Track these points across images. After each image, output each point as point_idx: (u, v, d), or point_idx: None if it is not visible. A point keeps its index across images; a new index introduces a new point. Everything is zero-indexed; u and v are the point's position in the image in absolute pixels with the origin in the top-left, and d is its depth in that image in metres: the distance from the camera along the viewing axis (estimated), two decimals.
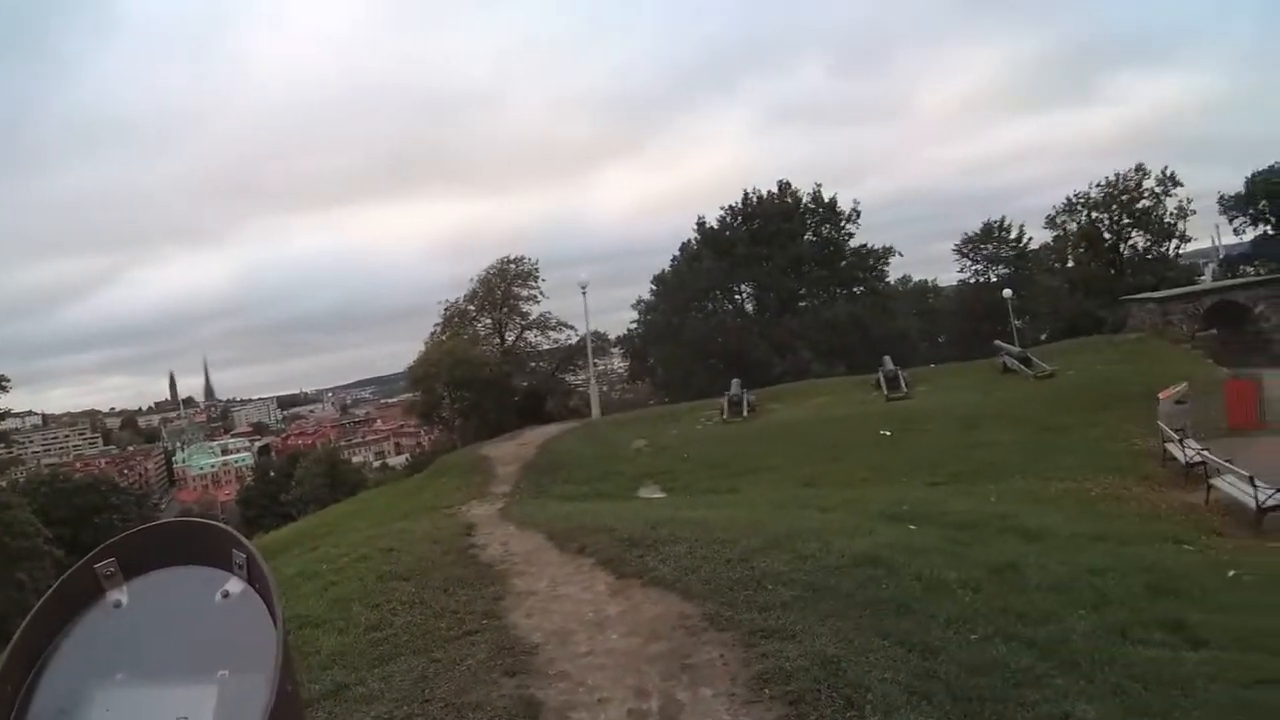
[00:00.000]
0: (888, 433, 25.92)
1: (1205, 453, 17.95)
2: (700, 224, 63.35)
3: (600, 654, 7.52)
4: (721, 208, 63.59)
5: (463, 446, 40.84)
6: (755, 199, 62.38)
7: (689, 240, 63.65)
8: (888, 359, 38.16)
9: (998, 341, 40.52)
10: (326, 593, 10.47)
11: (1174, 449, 19.97)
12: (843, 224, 62.81)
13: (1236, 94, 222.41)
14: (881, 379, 35.34)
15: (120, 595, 2.13)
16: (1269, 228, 61.54)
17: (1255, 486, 15.15)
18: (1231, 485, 16.35)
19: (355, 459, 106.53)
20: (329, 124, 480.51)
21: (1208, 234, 61.59)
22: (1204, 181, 55.30)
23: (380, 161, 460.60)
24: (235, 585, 2.07)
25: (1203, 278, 50.70)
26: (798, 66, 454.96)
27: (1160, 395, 22.75)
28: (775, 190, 62.66)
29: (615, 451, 27.52)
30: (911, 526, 12.57)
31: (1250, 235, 63.12)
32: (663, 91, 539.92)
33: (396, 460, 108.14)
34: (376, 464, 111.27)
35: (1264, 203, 61.02)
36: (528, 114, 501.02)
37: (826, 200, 62.59)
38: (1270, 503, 14.99)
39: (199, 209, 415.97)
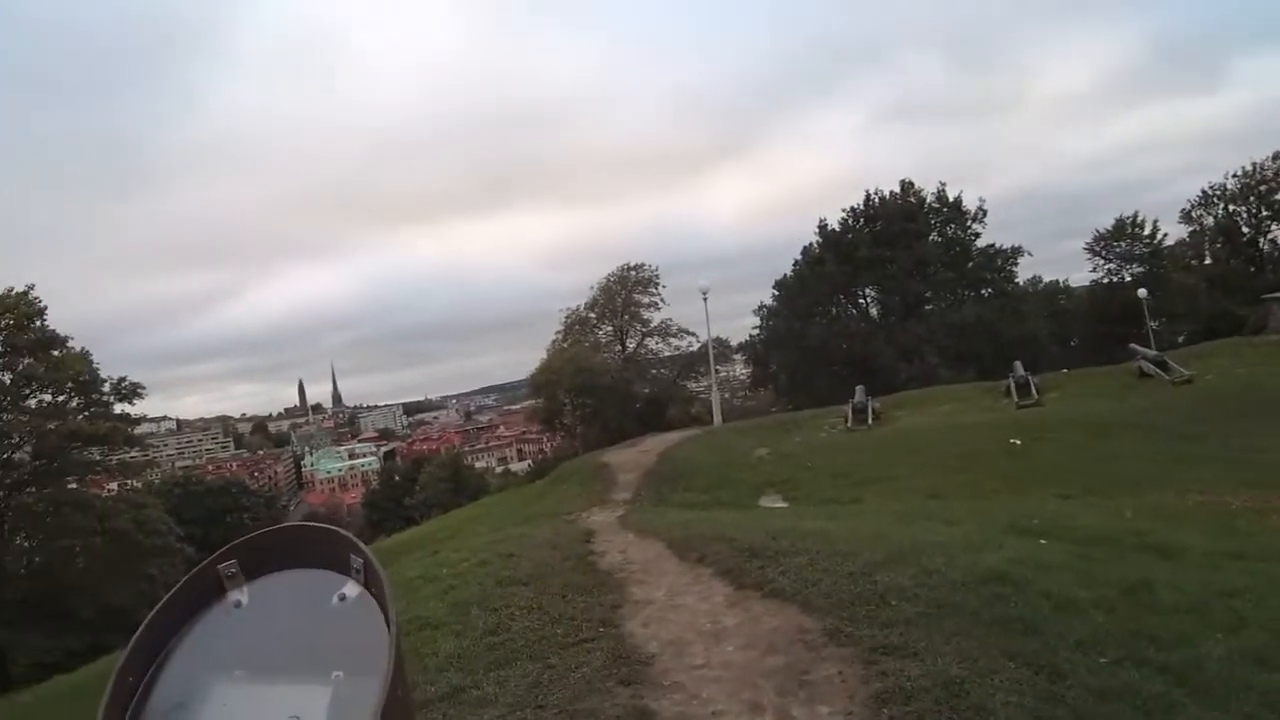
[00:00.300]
0: (1017, 442, 25.05)
1: None
2: (822, 226, 62.51)
3: (716, 666, 7.35)
4: (843, 209, 62.80)
5: (584, 453, 41.02)
6: (877, 199, 61.49)
7: (810, 243, 62.84)
8: (1018, 364, 37.06)
9: (1133, 345, 39.48)
10: (446, 596, 10.49)
11: None
12: (968, 223, 61.58)
13: None
14: (1011, 385, 34.43)
15: (241, 595, 2.18)
16: None
17: None
18: None
19: (478, 464, 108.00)
20: (442, 139, 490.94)
21: None
22: None
23: (489, 173, 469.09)
24: (352, 589, 2.09)
25: None
26: (909, 62, 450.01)
27: None
28: (898, 190, 61.85)
29: (736, 459, 27.07)
30: (1041, 541, 12.06)
31: None
32: (771, 93, 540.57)
33: (519, 466, 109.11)
34: (499, 469, 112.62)
35: None
36: (636, 121, 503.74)
37: (951, 199, 61.50)
38: None
39: (319, 224, 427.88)
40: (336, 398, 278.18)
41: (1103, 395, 31.88)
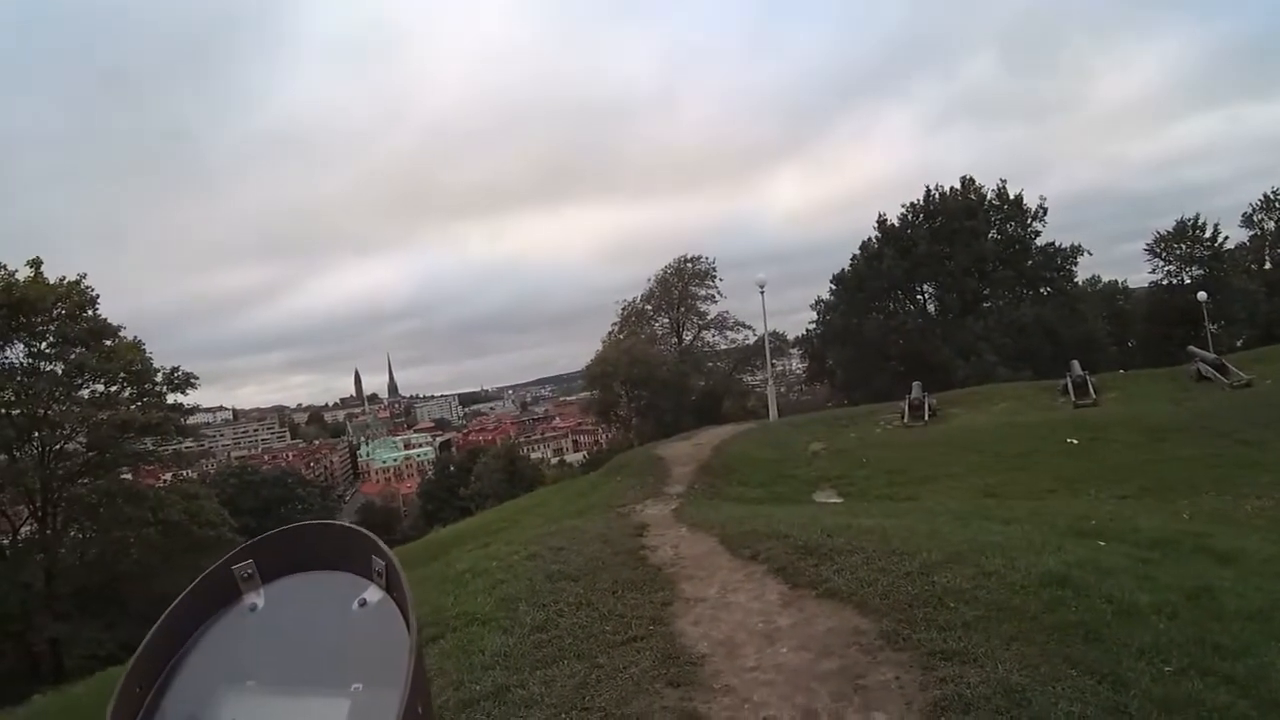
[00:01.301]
0: (1074, 441, 24.85)
1: None
2: (881, 221, 62.33)
3: (768, 669, 7.20)
4: (903, 205, 62.67)
5: (639, 445, 40.93)
6: (937, 195, 61.19)
7: (869, 239, 62.66)
8: (1075, 364, 36.75)
9: (1191, 347, 39.07)
10: (495, 591, 10.42)
11: None
12: (1028, 221, 61.15)
13: None
14: (1069, 384, 34.00)
15: (257, 598, 2.06)
16: None
17: None
18: None
19: (533, 455, 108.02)
20: (498, 134, 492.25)
21: None
22: None
23: (548, 168, 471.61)
24: (373, 594, 1.97)
25: None
26: (968, 63, 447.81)
27: None
28: (958, 186, 61.40)
29: (791, 454, 27.01)
30: (1100, 543, 11.86)
31: None
32: (831, 92, 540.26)
33: (574, 457, 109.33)
34: (554, 461, 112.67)
35: None
36: (696, 118, 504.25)
37: (1011, 197, 60.97)
38: None
39: (377, 217, 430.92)
40: (392, 388, 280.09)
41: (1160, 397, 31.48)
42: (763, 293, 40.27)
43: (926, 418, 32.03)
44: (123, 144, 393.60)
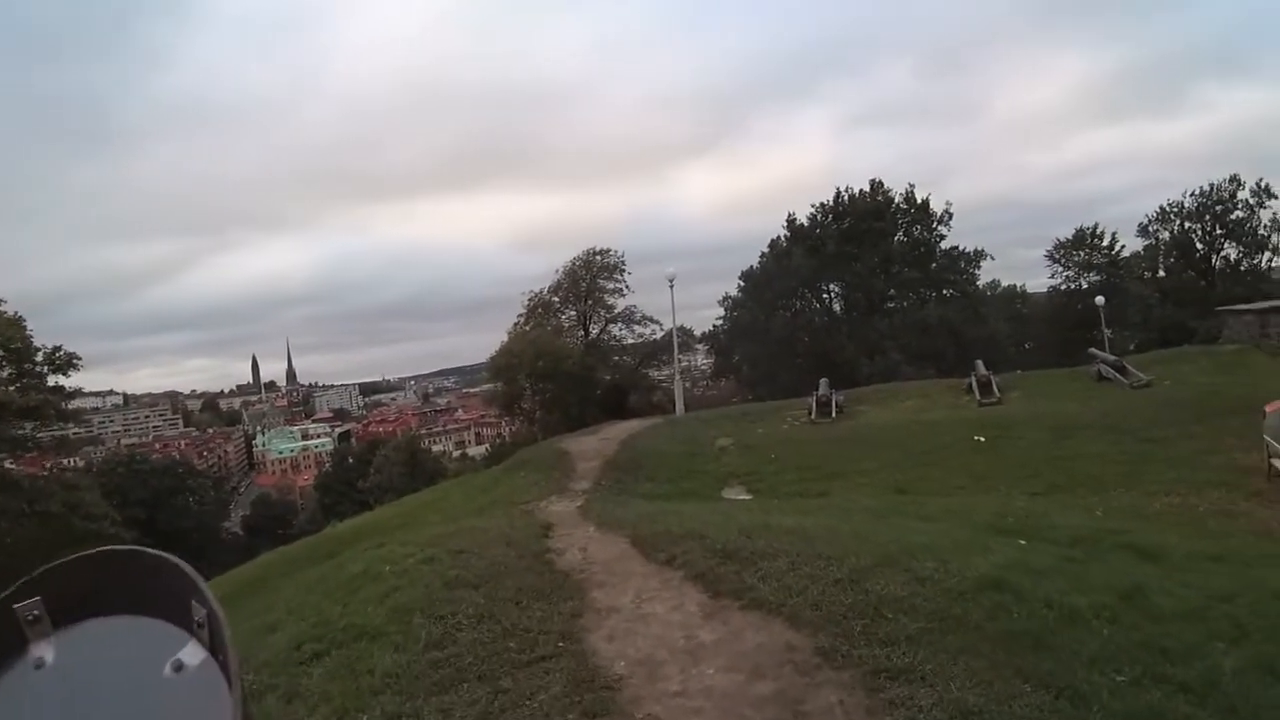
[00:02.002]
0: (982, 439, 24.94)
1: None
2: (790, 220, 62.53)
3: (695, 694, 6.69)
4: (812, 205, 62.91)
5: (543, 439, 40.24)
6: (847, 197, 61.54)
7: (778, 237, 63.05)
8: (980, 363, 36.95)
9: (1092, 349, 39.57)
10: (387, 599, 9.76)
11: None
12: (935, 225, 61.84)
13: None
14: (974, 383, 34.17)
15: (45, 651, 1.49)
16: None
17: None
18: None
19: (435, 448, 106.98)
20: (412, 116, 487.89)
21: None
22: None
23: (463, 153, 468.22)
24: (192, 654, 1.42)
25: None
26: (881, 68, 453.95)
27: (1267, 408, 21.25)
28: (867, 189, 61.86)
29: (699, 450, 26.70)
30: (1021, 541, 11.82)
31: None
32: (747, 91, 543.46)
33: (476, 450, 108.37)
34: (456, 454, 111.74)
35: None
36: (612, 110, 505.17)
37: (919, 201, 61.68)
38: None
39: (283, 196, 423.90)
40: (291, 375, 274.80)
41: (1063, 396, 31.76)
42: (672, 287, 39.74)
43: (834, 414, 31.91)
44: (12, 102, 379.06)
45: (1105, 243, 69.47)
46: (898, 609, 7.64)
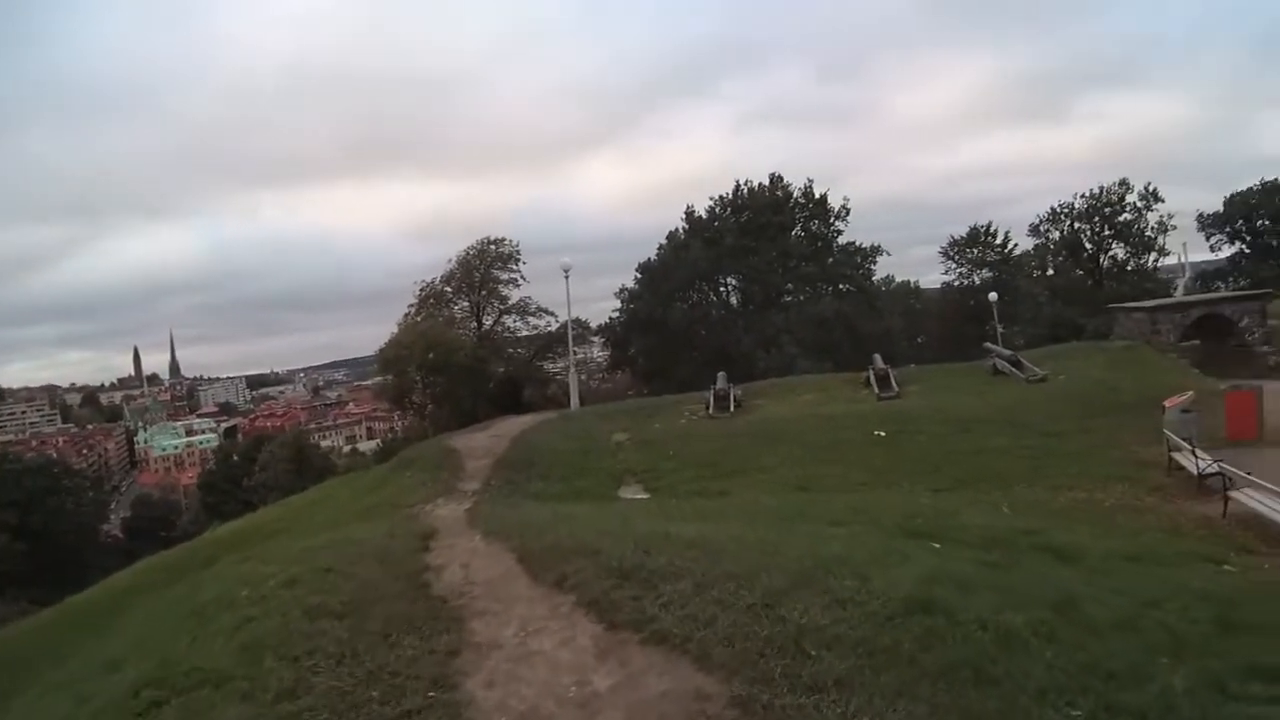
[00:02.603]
0: (882, 434, 24.84)
1: (1222, 464, 17.32)
2: (689, 213, 62.23)
3: None
4: (711, 197, 62.72)
5: (434, 434, 39.53)
6: (746, 190, 61.51)
7: (677, 229, 62.54)
8: (878, 357, 37.23)
9: (988, 344, 39.99)
10: (240, 632, 8.60)
11: (1183, 459, 19.49)
12: (832, 220, 62.14)
13: (1208, 122, 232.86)
14: (872, 377, 34.17)
15: None
16: (1244, 246, 69.57)
17: None
18: (1256, 500, 15.65)
19: (325, 443, 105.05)
20: (307, 100, 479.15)
21: (1176, 250, 61.94)
22: (1174, 201, 58.35)
23: (358, 140, 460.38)
24: None
25: (1176, 291, 52.32)
26: (780, 68, 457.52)
27: (1166, 404, 22.32)
28: (767, 183, 61.86)
29: (594, 446, 26.11)
30: (935, 545, 11.50)
31: (1226, 253, 71.46)
32: (647, 86, 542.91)
33: (368, 445, 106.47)
34: (346, 449, 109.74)
35: (1241, 222, 69.07)
36: (511, 100, 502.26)
37: (817, 196, 61.83)
38: None
39: (170, 181, 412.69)
40: (175, 368, 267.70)
41: (960, 390, 31.88)
42: (567, 277, 39.03)
43: (732, 409, 31.57)
44: None
45: (999, 241, 71.17)
46: (821, 642, 6.81)
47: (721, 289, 62.80)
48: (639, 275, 61.17)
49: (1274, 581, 12.01)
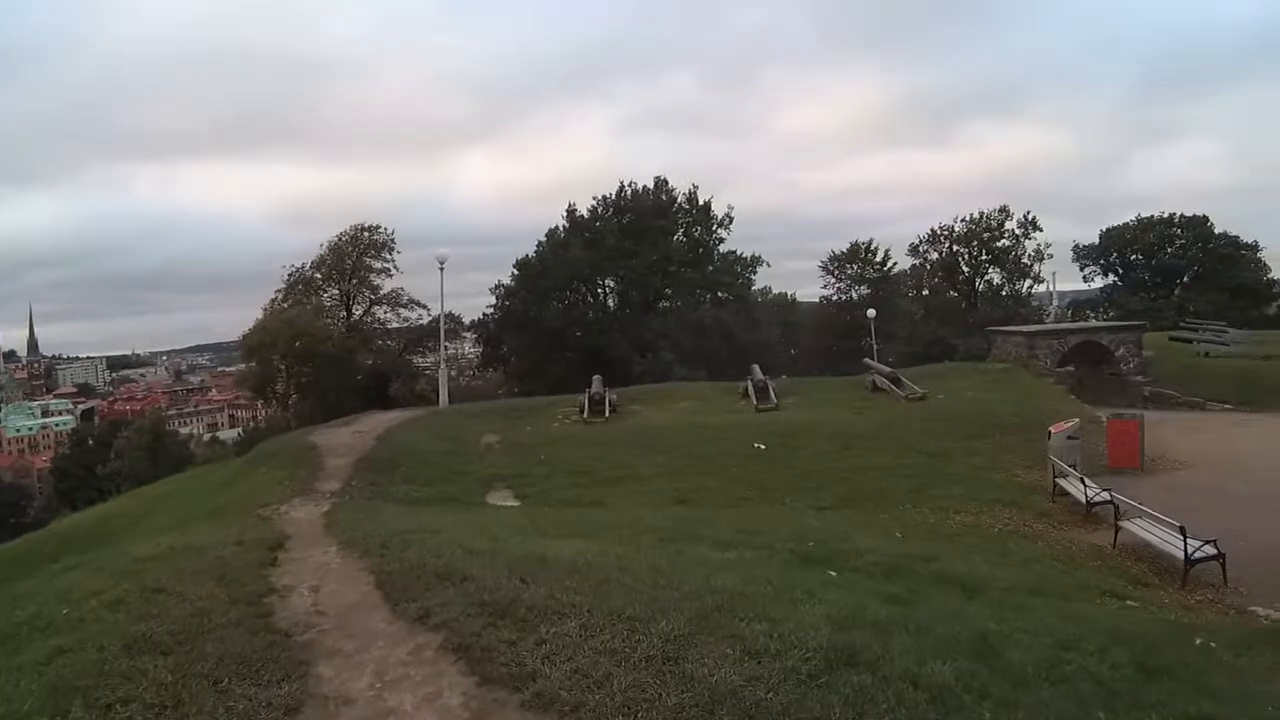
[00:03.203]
0: (762, 446, 24.29)
1: (1114, 494, 17.64)
2: (571, 211, 61.30)
3: None
4: (594, 197, 61.83)
5: (297, 426, 38.33)
6: (630, 192, 60.84)
7: (557, 227, 61.43)
8: (756, 368, 36.76)
9: (868, 360, 39.94)
10: (49, 668, 7.00)
11: (1069, 485, 19.78)
12: (715, 228, 61.92)
13: (1083, 157, 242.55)
14: (750, 388, 33.66)
15: None
16: (1117, 278, 74.60)
17: (1185, 538, 14.54)
18: (1148, 531, 15.97)
19: (185, 430, 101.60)
20: (185, 75, 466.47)
21: (1046, 278, 66.89)
22: (1045, 232, 61.59)
23: (234, 119, 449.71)
24: None
25: (1048, 318, 54.14)
26: (668, 76, 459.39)
27: (1052, 429, 22.06)
28: (651, 186, 61.26)
29: (463, 448, 25.02)
30: (832, 573, 10.89)
31: (1099, 283, 77.06)
32: (531, 83, 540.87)
33: (229, 434, 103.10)
34: (206, 438, 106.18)
35: (1115, 255, 73.75)
36: (393, 89, 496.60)
37: (701, 202, 61.54)
38: (1199, 555, 14.55)
39: (36, 148, 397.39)
40: (33, 346, 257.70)
41: (839, 405, 31.66)
42: (442, 269, 37.64)
43: (607, 414, 30.67)
44: None
45: (879, 258, 72.41)
46: (741, 711, 5.69)
47: (599, 290, 61.93)
48: (516, 272, 60.03)
49: (1179, 621, 11.86)
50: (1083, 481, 19.07)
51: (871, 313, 50.65)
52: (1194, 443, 25.56)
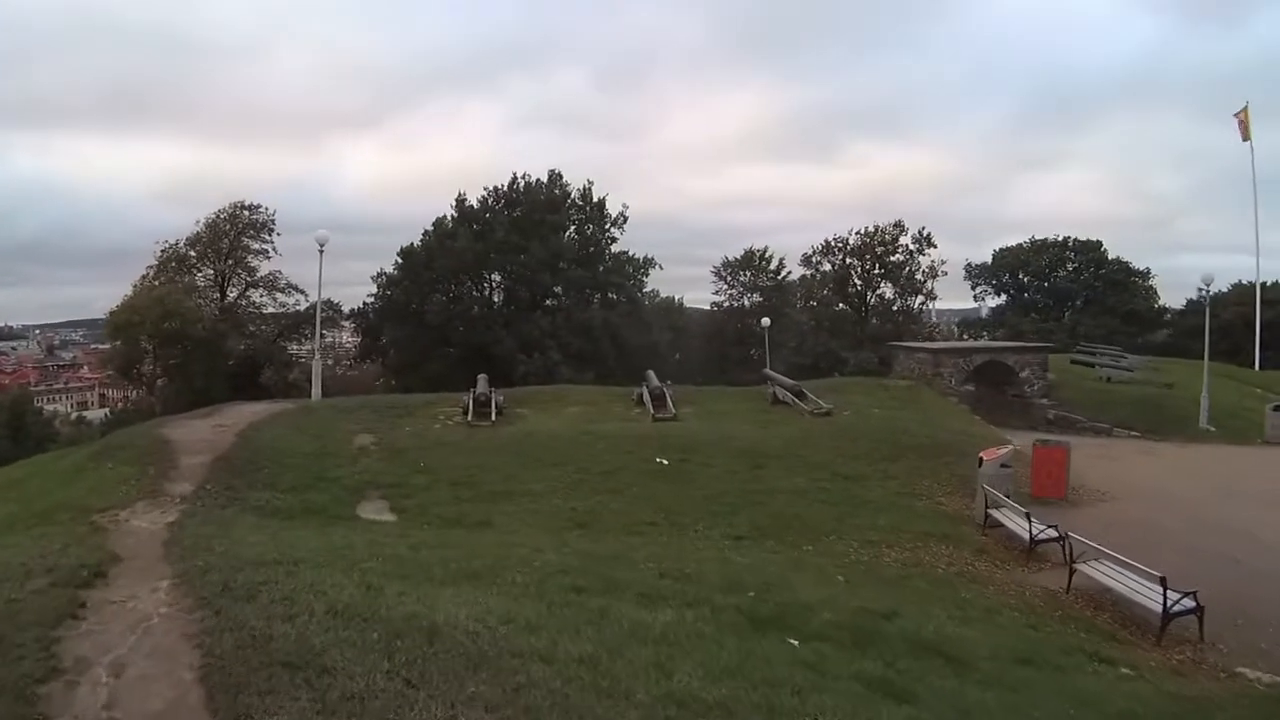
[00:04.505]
0: (664, 461, 22.63)
1: (1070, 534, 16.20)
2: (460, 201, 59.01)
3: None
4: (485, 188, 59.68)
5: (163, 412, 36.39)
6: (523, 184, 58.92)
7: (445, 216, 59.24)
8: (652, 374, 35.01)
9: (769, 371, 38.22)
10: None
11: (1005, 518, 18.77)
12: (608, 227, 60.51)
13: (964, 180, 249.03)
14: (646, 395, 31.71)
15: None
16: (1007, 298, 77.19)
17: (1165, 590, 13.36)
18: (1112, 578, 14.79)
19: (53, 407, 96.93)
20: (71, 39, 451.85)
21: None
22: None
23: (114, 91, 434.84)
24: None
25: (937, 334, 55.01)
26: (560, 73, 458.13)
27: (983, 455, 20.97)
28: (545, 180, 59.47)
29: (334, 448, 22.70)
30: (793, 641, 9.41)
31: (991, 303, 79.62)
32: (421, 74, 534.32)
33: (96, 414, 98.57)
34: (73, 416, 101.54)
35: (1007, 275, 76.17)
36: (278, 71, 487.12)
37: (596, 200, 60.15)
38: (1178, 608, 13.47)
39: None
40: None
41: (739, 417, 29.94)
42: (321, 250, 34.92)
43: (494, 417, 28.42)
44: None
45: (772, 266, 72.31)
46: None
47: (485, 285, 60.13)
48: (400, 261, 57.85)
49: (1183, 694, 10.90)
50: (1027, 518, 17.86)
51: (766, 322, 49.49)
52: (1109, 471, 24.89)
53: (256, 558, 10.35)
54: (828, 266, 67.50)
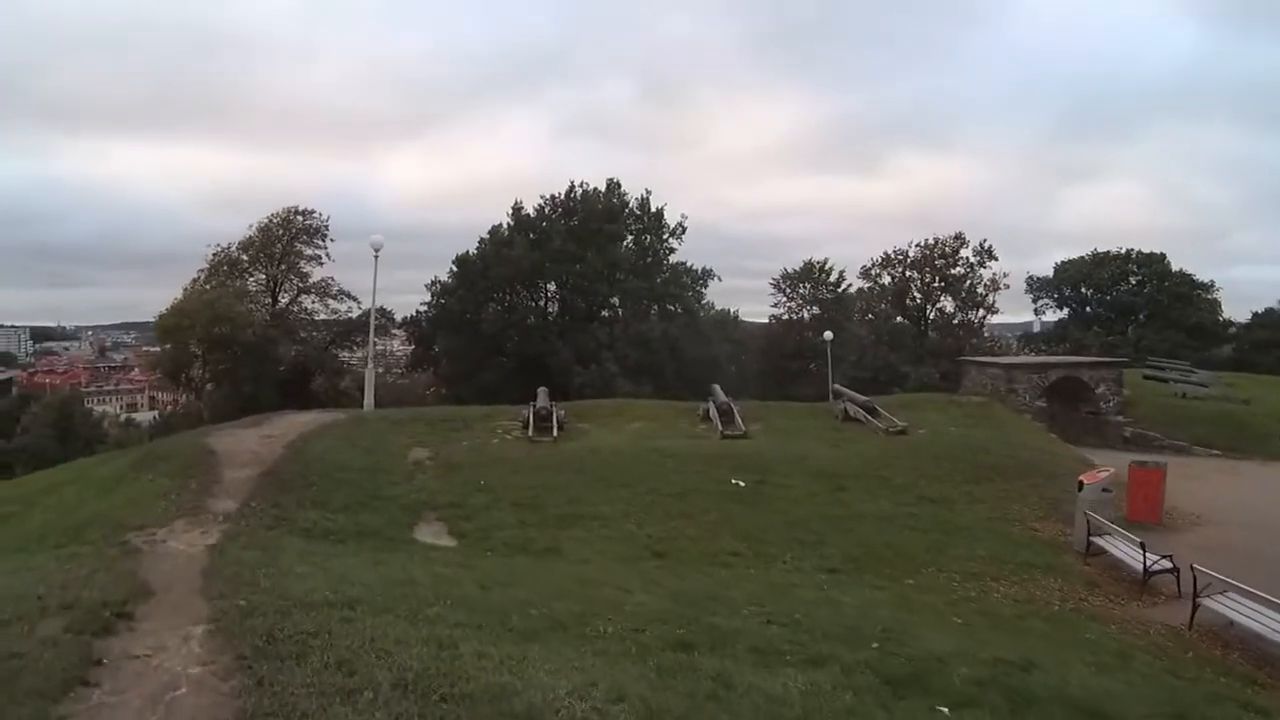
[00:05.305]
0: (740, 483, 21.28)
1: (1196, 566, 14.72)
2: (516, 209, 57.75)
3: None
4: (541, 196, 58.50)
5: (210, 418, 35.78)
6: (580, 193, 57.61)
7: (501, 224, 57.91)
8: (718, 388, 33.76)
9: (839, 386, 36.78)
10: None
11: (1112, 547, 17.76)
12: (666, 236, 59.07)
13: (1004, 191, 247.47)
14: (713, 410, 30.44)
15: None
16: (1069, 312, 76.64)
17: None
18: (1241, 613, 13.78)
19: (103, 408, 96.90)
20: (116, 43, 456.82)
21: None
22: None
23: (161, 95, 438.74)
24: None
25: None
26: (607, 84, 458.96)
27: (1083, 479, 19.90)
28: (603, 188, 58.10)
29: (388, 463, 21.53)
30: (944, 710, 8.31)
31: (1048, 317, 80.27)
32: (468, 82, 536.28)
33: (146, 416, 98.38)
34: (122, 418, 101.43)
35: (1069, 289, 75.82)
36: (324, 77, 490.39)
37: (654, 210, 58.67)
38: None
39: None
40: None
41: (811, 435, 28.61)
42: (377, 256, 34.01)
43: (555, 433, 27.10)
44: None
45: (832, 279, 69.73)
46: None
47: (541, 295, 58.88)
48: (455, 269, 56.70)
49: None
50: (1141, 547, 16.59)
51: (829, 335, 47.84)
52: (1197, 492, 23.85)
53: (306, 596, 8.99)
54: (887, 279, 65.98)
